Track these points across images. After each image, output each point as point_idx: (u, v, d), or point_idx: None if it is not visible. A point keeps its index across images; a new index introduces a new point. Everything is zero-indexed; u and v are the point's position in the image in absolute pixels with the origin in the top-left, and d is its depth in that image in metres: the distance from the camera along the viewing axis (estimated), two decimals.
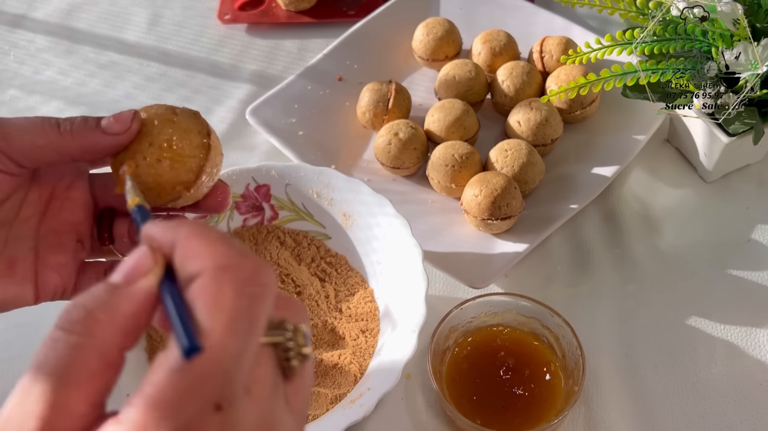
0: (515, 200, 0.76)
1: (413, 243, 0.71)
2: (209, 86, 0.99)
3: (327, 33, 1.02)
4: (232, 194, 0.77)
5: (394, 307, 0.71)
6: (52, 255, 0.51)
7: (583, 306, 0.76)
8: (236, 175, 0.77)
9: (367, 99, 0.86)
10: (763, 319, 0.74)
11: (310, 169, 0.77)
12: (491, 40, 0.90)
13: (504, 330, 0.71)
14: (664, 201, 0.84)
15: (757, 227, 0.81)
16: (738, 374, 0.71)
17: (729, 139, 0.77)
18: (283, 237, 0.78)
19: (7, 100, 0.99)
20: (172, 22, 1.07)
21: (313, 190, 0.77)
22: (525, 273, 0.79)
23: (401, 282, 0.71)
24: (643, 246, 0.80)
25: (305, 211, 0.78)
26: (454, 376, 0.68)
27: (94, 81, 1.01)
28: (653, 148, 0.87)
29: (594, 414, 0.69)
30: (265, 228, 0.79)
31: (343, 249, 0.78)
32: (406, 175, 0.85)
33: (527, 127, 0.82)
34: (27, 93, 1.00)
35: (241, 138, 0.93)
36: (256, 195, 0.78)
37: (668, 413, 0.69)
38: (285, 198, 0.78)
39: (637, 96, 0.78)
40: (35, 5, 1.11)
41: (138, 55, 1.03)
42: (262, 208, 0.79)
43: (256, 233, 0.78)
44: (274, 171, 0.78)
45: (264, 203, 0.78)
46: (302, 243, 0.78)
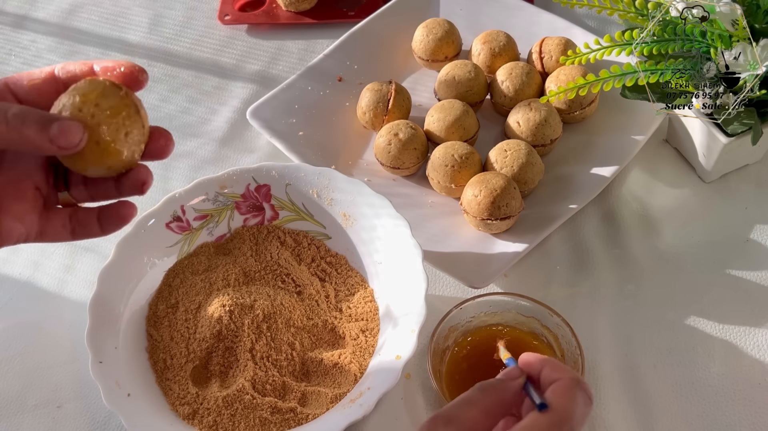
0: (515, 200, 0.76)
1: (413, 243, 0.72)
2: (210, 86, 1.00)
3: (327, 33, 1.02)
4: (232, 194, 0.77)
5: (394, 307, 0.72)
6: (13, 203, 0.53)
7: (582, 306, 0.76)
8: (237, 176, 0.78)
9: (367, 99, 0.87)
10: (762, 319, 0.74)
11: (310, 169, 0.78)
12: (491, 41, 0.90)
13: (503, 329, 0.72)
14: (663, 201, 0.84)
15: (756, 227, 0.81)
16: (737, 373, 0.71)
17: (728, 139, 0.77)
18: (283, 237, 0.78)
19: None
20: (173, 23, 1.07)
21: (313, 190, 0.77)
22: (524, 273, 0.79)
23: (401, 281, 0.72)
24: (642, 246, 0.80)
25: (305, 211, 0.78)
26: (454, 376, 0.69)
27: None
28: (652, 149, 0.87)
29: (593, 414, 0.70)
30: (266, 228, 0.79)
31: (344, 249, 0.78)
32: (406, 175, 0.85)
33: (527, 128, 0.82)
34: None
35: (241, 138, 0.94)
36: (257, 195, 0.78)
37: (667, 412, 0.69)
38: (285, 198, 0.78)
39: (636, 96, 0.78)
40: (37, 6, 1.11)
41: (139, 56, 1.03)
42: (262, 208, 0.79)
43: (256, 233, 0.79)
44: (274, 171, 0.78)
45: (264, 203, 0.79)
46: (302, 243, 0.78)
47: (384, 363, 0.67)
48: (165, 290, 0.75)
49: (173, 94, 0.99)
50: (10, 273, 0.83)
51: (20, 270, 0.84)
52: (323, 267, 0.77)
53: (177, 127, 0.95)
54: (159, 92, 0.99)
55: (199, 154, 0.93)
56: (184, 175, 0.91)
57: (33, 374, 0.75)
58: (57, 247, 0.85)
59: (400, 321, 0.69)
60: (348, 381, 0.69)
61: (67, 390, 0.74)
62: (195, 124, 0.96)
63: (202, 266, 0.77)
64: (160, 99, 0.99)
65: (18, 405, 0.73)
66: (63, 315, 0.79)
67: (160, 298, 0.75)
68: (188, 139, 0.94)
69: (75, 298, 0.81)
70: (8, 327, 0.78)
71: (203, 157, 0.92)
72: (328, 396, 0.68)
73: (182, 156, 0.92)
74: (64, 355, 0.76)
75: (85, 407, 0.73)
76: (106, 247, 0.84)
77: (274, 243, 0.78)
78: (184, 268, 0.76)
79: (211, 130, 0.95)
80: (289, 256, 0.77)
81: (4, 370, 0.75)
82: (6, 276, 0.83)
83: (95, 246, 0.85)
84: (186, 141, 0.94)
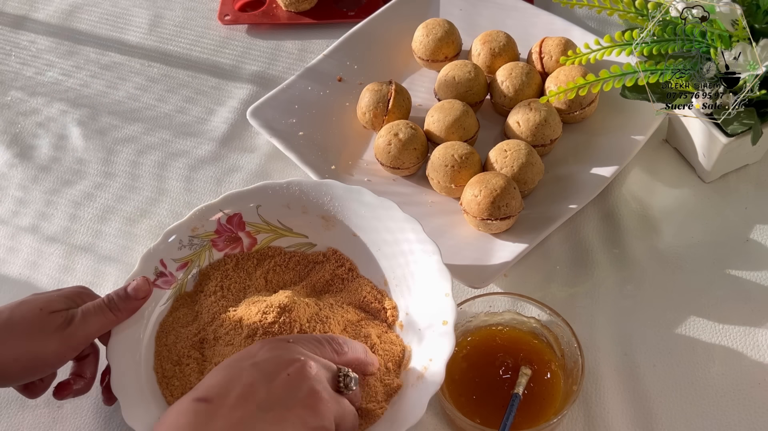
0: (514, 200, 0.76)
1: (406, 217, 0.72)
2: (210, 87, 1.00)
3: (327, 34, 1.02)
4: (205, 233, 0.75)
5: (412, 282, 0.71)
6: None
7: (582, 306, 0.76)
8: (203, 213, 0.75)
9: (367, 99, 0.87)
10: (762, 319, 0.75)
11: (276, 185, 0.75)
12: (491, 41, 0.90)
13: (503, 329, 0.72)
14: (663, 201, 0.84)
15: (756, 227, 0.81)
16: (736, 373, 0.71)
17: (728, 139, 0.77)
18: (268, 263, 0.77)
19: (9, 102, 1.00)
20: (173, 23, 1.07)
21: (284, 204, 0.75)
22: (524, 273, 0.79)
23: (413, 251, 0.71)
24: (642, 246, 0.80)
25: (283, 226, 0.77)
26: (454, 375, 0.69)
27: (96, 82, 1.01)
28: (652, 149, 0.87)
29: (593, 413, 0.70)
30: (235, 257, 0.76)
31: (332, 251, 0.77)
32: (405, 175, 0.85)
33: (526, 128, 0.82)
34: (29, 94, 1.00)
35: (241, 138, 0.94)
36: (230, 227, 0.76)
37: (667, 412, 0.69)
38: (259, 220, 0.76)
39: (636, 96, 0.78)
40: (36, 6, 1.11)
41: (139, 56, 1.04)
42: (239, 238, 0.76)
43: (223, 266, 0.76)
44: (240, 197, 0.75)
45: (239, 232, 0.76)
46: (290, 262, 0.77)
47: (435, 332, 0.67)
48: (163, 351, 0.71)
49: (171, 94, 0.99)
50: (9, 274, 0.83)
51: (19, 271, 0.84)
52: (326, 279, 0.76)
53: (175, 126, 0.96)
54: (157, 92, 0.99)
55: (197, 154, 0.93)
56: (183, 175, 0.91)
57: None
58: (55, 248, 0.85)
59: (427, 288, 0.69)
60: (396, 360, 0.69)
61: None
62: (193, 124, 0.96)
63: (189, 317, 0.74)
64: (158, 99, 0.99)
65: (18, 405, 0.73)
66: None
67: (161, 359, 0.71)
68: (186, 139, 0.94)
69: None
70: None
71: (201, 156, 0.92)
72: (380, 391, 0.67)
73: (180, 156, 0.92)
74: None
75: (85, 407, 0.73)
76: (104, 247, 0.85)
77: (240, 273, 0.76)
78: (172, 324, 0.73)
79: (210, 130, 0.95)
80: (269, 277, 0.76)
81: None
82: (5, 276, 0.83)
83: (92, 246, 0.85)
84: (184, 140, 0.94)
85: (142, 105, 0.98)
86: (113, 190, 0.90)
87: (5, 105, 0.99)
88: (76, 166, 0.93)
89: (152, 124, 0.96)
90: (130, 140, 0.95)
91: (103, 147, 0.94)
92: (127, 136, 0.95)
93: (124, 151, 0.94)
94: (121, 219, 0.87)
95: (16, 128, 0.97)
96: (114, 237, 0.86)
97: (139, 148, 0.94)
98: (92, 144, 0.95)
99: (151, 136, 0.95)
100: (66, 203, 0.89)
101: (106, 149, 0.94)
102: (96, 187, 0.91)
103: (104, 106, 0.98)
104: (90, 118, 0.97)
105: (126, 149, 0.94)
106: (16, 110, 0.99)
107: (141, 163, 0.92)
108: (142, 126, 0.96)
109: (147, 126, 0.96)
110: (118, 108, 0.98)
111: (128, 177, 0.91)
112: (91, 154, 0.94)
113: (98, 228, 0.87)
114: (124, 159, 0.93)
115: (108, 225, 0.87)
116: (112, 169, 0.92)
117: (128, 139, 0.95)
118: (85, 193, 0.90)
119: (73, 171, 0.92)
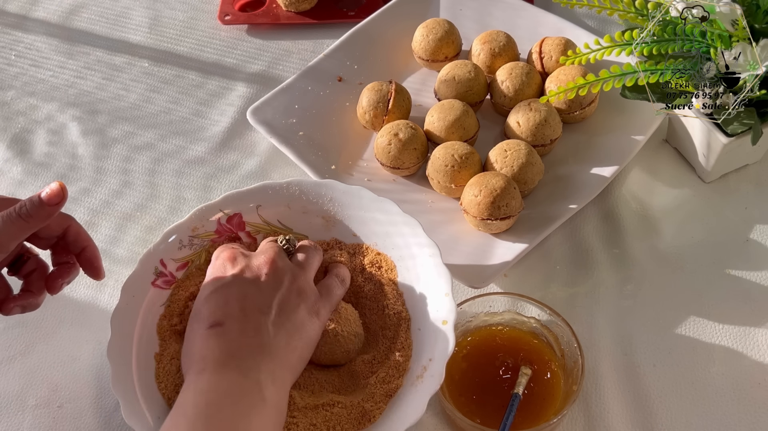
0: (514, 200, 0.76)
1: (403, 213, 0.71)
2: (210, 86, 1.00)
3: (327, 34, 1.03)
4: (205, 233, 0.75)
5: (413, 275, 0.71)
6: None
7: (582, 306, 0.76)
8: (203, 213, 0.75)
9: (367, 99, 0.87)
10: (762, 319, 0.75)
11: (276, 185, 0.75)
12: (491, 41, 0.90)
13: (503, 329, 0.72)
14: (663, 201, 0.84)
15: (756, 227, 0.81)
16: (736, 373, 0.71)
17: (728, 139, 0.77)
18: None
19: (8, 100, 1.00)
20: (173, 23, 1.07)
21: (284, 204, 0.75)
22: (524, 273, 0.79)
23: (411, 246, 0.71)
24: (642, 246, 0.80)
25: (283, 226, 0.77)
26: (454, 375, 0.69)
27: (96, 81, 1.01)
28: (652, 149, 0.87)
29: (593, 413, 0.70)
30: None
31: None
32: (406, 175, 0.85)
33: (526, 128, 0.82)
34: (28, 93, 1.00)
35: (241, 138, 0.94)
36: (230, 227, 0.75)
37: (667, 412, 0.69)
38: (259, 221, 0.76)
39: (636, 96, 0.78)
40: (36, 6, 1.11)
41: (139, 56, 1.04)
42: (238, 238, 0.76)
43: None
44: (240, 197, 0.75)
45: (239, 233, 0.76)
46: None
47: (434, 333, 0.67)
48: (163, 350, 0.70)
49: (171, 94, 0.99)
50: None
51: None
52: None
53: (175, 126, 0.96)
54: (157, 91, 0.99)
55: (196, 154, 0.93)
56: (182, 174, 0.91)
57: (33, 374, 0.75)
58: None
59: (427, 288, 0.69)
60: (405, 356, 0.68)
61: (67, 390, 0.74)
62: (194, 124, 0.96)
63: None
64: (157, 98, 0.99)
65: (18, 405, 0.73)
66: (63, 314, 0.79)
67: (161, 359, 0.70)
68: (186, 138, 0.94)
69: (75, 297, 0.81)
70: (8, 327, 0.78)
71: (201, 156, 0.92)
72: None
73: (179, 155, 0.92)
74: (64, 355, 0.76)
75: (85, 407, 0.73)
76: (102, 245, 0.85)
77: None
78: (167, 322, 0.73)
79: (210, 130, 0.95)
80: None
81: (4, 370, 0.75)
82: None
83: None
84: (184, 140, 0.94)
85: (141, 104, 0.98)
86: (110, 187, 0.90)
87: (4, 104, 0.99)
88: (73, 163, 0.93)
89: (151, 123, 0.96)
90: (127, 138, 0.95)
91: (101, 145, 0.94)
92: (125, 134, 0.95)
93: (121, 148, 0.94)
94: (118, 216, 0.87)
95: (15, 127, 0.97)
96: (111, 234, 0.86)
97: (137, 145, 0.94)
98: (90, 142, 0.94)
99: (150, 134, 0.95)
100: None
101: (104, 147, 0.94)
102: (93, 185, 0.90)
103: (102, 104, 0.98)
104: (88, 116, 0.97)
105: (123, 147, 0.94)
106: (15, 109, 0.99)
107: (139, 161, 0.92)
108: (141, 124, 0.96)
109: (146, 124, 0.96)
110: (116, 106, 0.98)
111: (125, 175, 0.91)
112: (89, 151, 0.94)
113: (95, 224, 0.87)
114: (121, 157, 0.93)
115: (105, 222, 0.87)
116: (109, 166, 0.92)
117: (126, 137, 0.95)
118: (83, 189, 0.90)
119: (70, 167, 0.92)
